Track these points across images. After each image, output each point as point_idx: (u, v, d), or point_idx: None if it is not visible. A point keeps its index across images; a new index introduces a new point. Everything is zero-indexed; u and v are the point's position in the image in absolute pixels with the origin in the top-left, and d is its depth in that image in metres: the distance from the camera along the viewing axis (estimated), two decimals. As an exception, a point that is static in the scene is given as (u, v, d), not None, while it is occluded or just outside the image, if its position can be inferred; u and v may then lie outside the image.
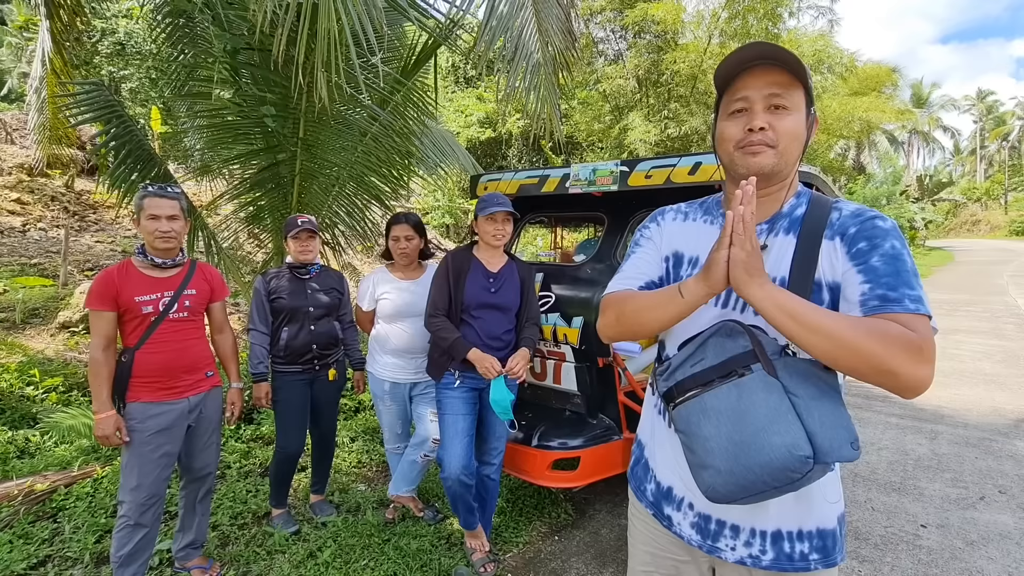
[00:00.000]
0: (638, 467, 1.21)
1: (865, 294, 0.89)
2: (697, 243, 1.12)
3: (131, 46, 11.00)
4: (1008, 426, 4.35)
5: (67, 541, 2.52)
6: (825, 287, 0.95)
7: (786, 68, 0.95)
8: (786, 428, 0.84)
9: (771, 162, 0.97)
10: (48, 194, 7.78)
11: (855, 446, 0.84)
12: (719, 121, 1.04)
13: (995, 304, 10.52)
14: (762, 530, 1.00)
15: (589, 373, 2.70)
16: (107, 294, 2.02)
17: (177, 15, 3.50)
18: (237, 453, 3.45)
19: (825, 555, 0.98)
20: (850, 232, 0.95)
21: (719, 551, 1.03)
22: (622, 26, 14.23)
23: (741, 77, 0.99)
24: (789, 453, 0.82)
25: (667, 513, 1.10)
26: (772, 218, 1.04)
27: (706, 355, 0.94)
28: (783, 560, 0.98)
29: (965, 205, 45.53)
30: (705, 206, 1.18)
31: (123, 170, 3.55)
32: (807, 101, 0.99)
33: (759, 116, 0.96)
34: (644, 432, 1.21)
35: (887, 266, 0.89)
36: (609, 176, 2.63)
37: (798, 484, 0.85)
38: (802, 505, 0.98)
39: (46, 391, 3.98)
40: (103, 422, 1.99)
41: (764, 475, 0.84)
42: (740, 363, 0.90)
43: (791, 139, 0.97)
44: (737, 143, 0.99)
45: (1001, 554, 2.64)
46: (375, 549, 2.56)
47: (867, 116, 14.07)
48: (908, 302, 0.86)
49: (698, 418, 0.92)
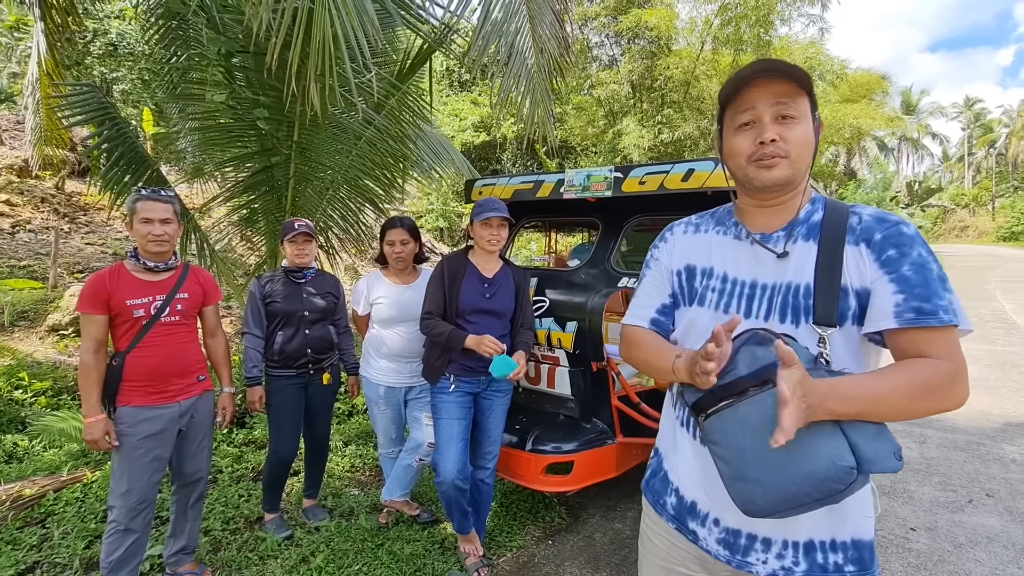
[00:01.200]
0: (655, 480, 1.17)
1: (900, 305, 0.89)
2: (710, 254, 1.12)
3: (124, 47, 10.94)
4: (996, 430, 4.41)
5: (56, 547, 2.50)
6: (852, 293, 0.94)
7: (790, 78, 0.96)
8: (828, 438, 0.82)
9: (786, 173, 0.98)
10: (39, 195, 7.70)
11: (898, 456, 0.82)
12: (727, 136, 1.04)
13: (983, 309, 10.65)
14: (794, 541, 0.96)
15: (583, 377, 2.71)
16: (98, 297, 2.01)
17: (171, 17, 3.50)
18: (229, 457, 3.43)
19: (862, 568, 0.95)
20: (876, 239, 0.94)
21: (750, 565, 0.99)
22: (616, 32, 14.34)
23: (746, 90, 0.99)
24: (833, 464, 0.80)
25: (692, 527, 1.07)
26: (789, 224, 1.03)
27: (737, 364, 0.91)
28: (816, 571, 0.95)
29: (954, 211, 46.12)
30: (716, 216, 1.17)
31: (115, 172, 3.53)
32: (812, 107, 1.00)
33: (769, 128, 0.97)
34: (664, 444, 1.17)
35: (918, 275, 0.89)
36: (603, 182, 2.65)
37: (840, 496, 0.83)
38: (835, 514, 0.95)
39: (35, 395, 3.94)
40: (92, 426, 1.98)
41: (806, 486, 0.82)
42: (774, 372, 0.85)
43: (802, 147, 0.98)
44: (749, 156, 0.99)
45: (989, 556, 2.67)
46: (368, 554, 2.55)
47: (857, 123, 14.27)
48: (942, 313, 0.87)
49: (734, 428, 0.89)
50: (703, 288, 1.10)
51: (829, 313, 0.93)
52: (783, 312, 0.98)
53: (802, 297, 0.96)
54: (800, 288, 0.97)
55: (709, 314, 1.07)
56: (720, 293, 1.06)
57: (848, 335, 0.95)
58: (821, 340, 0.93)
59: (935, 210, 42.56)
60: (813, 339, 0.94)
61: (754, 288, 1.03)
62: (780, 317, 0.98)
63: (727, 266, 1.08)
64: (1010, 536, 2.85)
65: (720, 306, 1.06)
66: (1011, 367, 6.34)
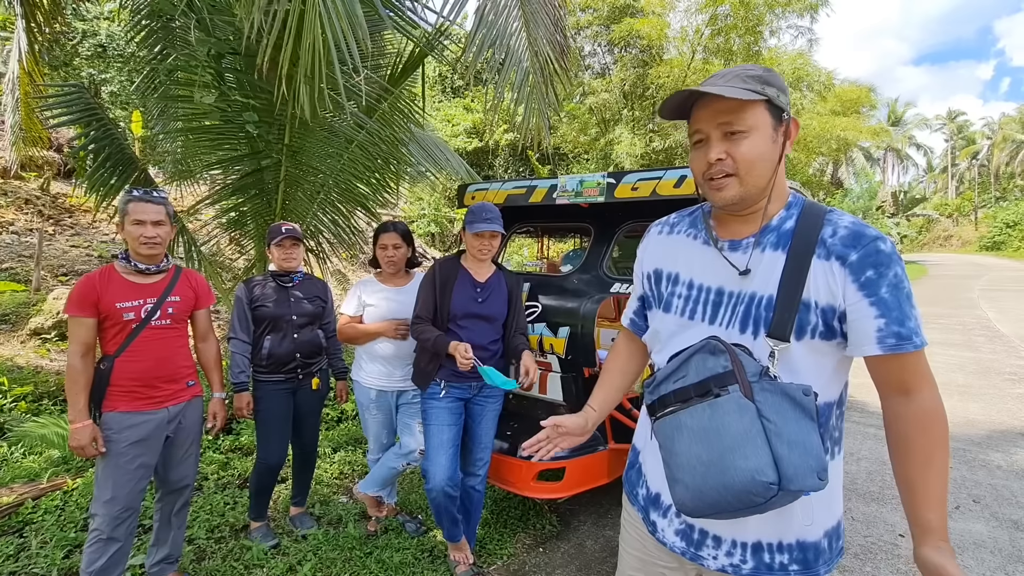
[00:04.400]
0: (632, 471, 1.23)
1: (882, 330, 0.90)
2: (676, 259, 1.13)
3: (113, 48, 10.83)
4: (981, 437, 4.46)
5: (34, 556, 2.43)
6: (816, 309, 0.93)
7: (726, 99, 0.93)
8: (753, 452, 0.84)
9: (735, 192, 0.97)
10: (22, 196, 7.57)
11: (822, 476, 0.84)
12: (690, 150, 1.06)
13: (966, 317, 10.82)
14: (743, 541, 1.01)
15: (575, 383, 2.70)
16: (87, 300, 1.96)
17: (158, 16, 3.45)
18: (215, 464, 3.37)
19: (806, 567, 0.99)
20: (852, 259, 0.92)
21: (702, 559, 1.05)
22: (609, 41, 14.48)
23: (695, 108, 0.99)
24: (752, 478, 0.83)
25: (653, 519, 1.12)
26: (760, 231, 1.02)
27: (688, 372, 0.95)
28: (763, 570, 1.00)
29: (938, 220, 46.97)
30: (693, 217, 1.17)
31: (102, 174, 3.49)
32: (777, 109, 0.96)
33: (714, 147, 0.97)
34: (640, 438, 1.23)
35: (894, 297, 0.91)
36: (596, 188, 2.66)
37: (762, 508, 0.85)
38: (782, 519, 0.99)
39: (15, 400, 3.85)
40: (79, 432, 1.93)
41: (727, 496, 0.85)
42: (719, 383, 0.90)
43: (751, 162, 0.95)
44: (703, 175, 1.00)
45: (976, 563, 2.69)
46: (356, 562, 2.51)
47: (844, 134, 14.48)
48: (915, 338, 0.91)
49: (673, 433, 0.93)
50: (668, 294, 1.11)
51: (784, 327, 0.93)
52: (744, 322, 0.98)
53: (763, 309, 0.97)
54: (763, 300, 0.97)
55: (674, 320, 1.09)
56: (686, 300, 1.08)
57: (812, 349, 0.95)
58: (772, 354, 0.93)
59: (920, 220, 43.30)
60: (767, 352, 0.95)
61: (720, 295, 1.03)
62: (741, 327, 0.99)
63: (693, 272, 1.09)
64: (996, 542, 2.87)
65: (685, 313, 1.07)
66: (995, 374, 6.43)
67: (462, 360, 2.16)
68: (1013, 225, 36.66)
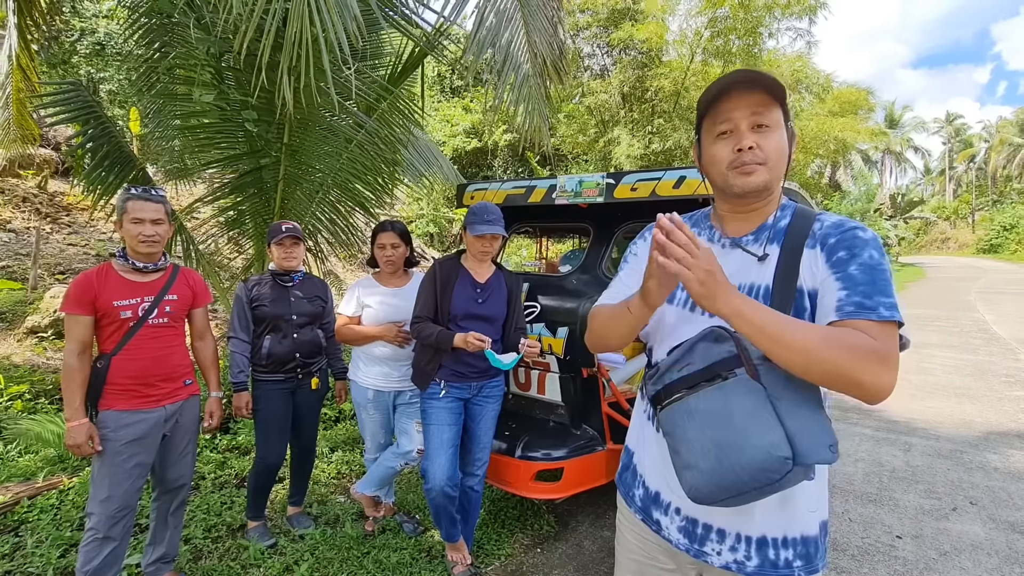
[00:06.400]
0: (627, 473, 1.23)
1: (842, 300, 0.92)
2: None
3: (111, 47, 10.81)
4: (978, 438, 4.47)
5: (29, 556, 2.42)
6: (807, 295, 0.98)
7: (765, 89, 1.00)
8: (767, 430, 0.86)
9: (764, 179, 1.02)
10: (20, 195, 7.55)
11: (833, 449, 0.86)
12: (706, 144, 1.08)
13: (964, 319, 10.85)
14: (747, 535, 1.02)
15: (573, 383, 2.70)
16: (85, 297, 1.96)
17: (156, 15, 3.44)
18: (212, 463, 3.36)
19: (808, 562, 1.01)
20: (830, 242, 0.98)
21: (705, 555, 1.05)
22: (608, 43, 14.48)
23: (723, 101, 1.03)
24: (769, 454, 0.84)
25: (656, 517, 1.12)
26: (758, 230, 1.08)
27: (693, 360, 0.96)
28: (767, 567, 1.00)
29: (935, 223, 47.13)
30: (694, 219, 1.22)
31: (100, 172, 3.47)
32: (785, 118, 1.04)
33: (747, 136, 1.01)
34: (632, 439, 1.24)
35: (864, 275, 0.92)
36: (595, 188, 2.66)
37: (778, 485, 0.87)
38: (787, 512, 1.01)
39: (11, 398, 3.83)
40: (75, 430, 1.92)
41: (744, 475, 0.86)
42: (725, 367, 0.92)
43: (778, 155, 1.02)
44: (729, 164, 1.03)
45: (973, 564, 2.69)
46: (354, 563, 2.50)
47: (842, 136, 14.51)
48: (883, 310, 0.89)
49: (683, 420, 0.95)
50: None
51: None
52: None
53: (762, 298, 1.01)
54: (761, 289, 1.02)
55: (677, 311, 1.12)
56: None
57: None
58: None
59: (917, 222, 43.43)
60: None
61: None
62: None
63: None
64: (993, 544, 2.88)
65: (688, 303, 1.10)
66: (992, 376, 6.45)
67: (475, 343, 2.15)
68: (1010, 228, 36.83)
